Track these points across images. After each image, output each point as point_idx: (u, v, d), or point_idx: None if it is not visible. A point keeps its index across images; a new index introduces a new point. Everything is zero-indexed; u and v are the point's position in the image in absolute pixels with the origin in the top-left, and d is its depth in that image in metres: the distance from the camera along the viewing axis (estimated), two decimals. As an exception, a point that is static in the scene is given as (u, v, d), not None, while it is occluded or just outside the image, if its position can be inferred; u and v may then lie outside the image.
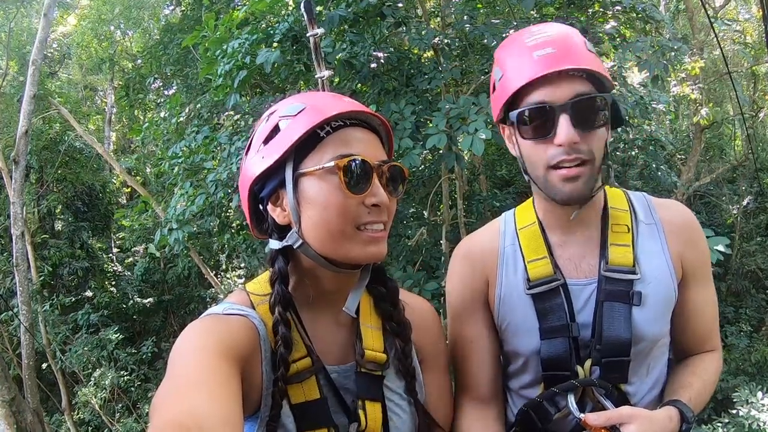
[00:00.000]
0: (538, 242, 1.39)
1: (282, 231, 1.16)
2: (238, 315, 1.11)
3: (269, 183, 1.14)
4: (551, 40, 1.25)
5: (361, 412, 1.15)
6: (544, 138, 1.25)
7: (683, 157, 12.37)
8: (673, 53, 4.89)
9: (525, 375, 1.41)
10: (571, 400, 1.29)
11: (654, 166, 7.46)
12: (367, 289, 1.26)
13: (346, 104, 1.13)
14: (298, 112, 1.12)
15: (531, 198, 1.47)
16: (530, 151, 1.29)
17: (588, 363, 1.31)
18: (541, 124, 1.24)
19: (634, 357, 1.31)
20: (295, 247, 1.13)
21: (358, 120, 1.14)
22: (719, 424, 6.42)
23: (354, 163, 1.07)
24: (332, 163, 1.07)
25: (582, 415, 1.24)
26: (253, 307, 1.15)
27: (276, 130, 1.12)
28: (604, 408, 1.27)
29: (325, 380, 1.16)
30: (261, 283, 1.21)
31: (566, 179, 1.25)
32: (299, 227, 1.11)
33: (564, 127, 1.21)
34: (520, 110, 1.27)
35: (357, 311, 1.23)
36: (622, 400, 1.32)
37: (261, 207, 1.18)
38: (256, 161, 1.13)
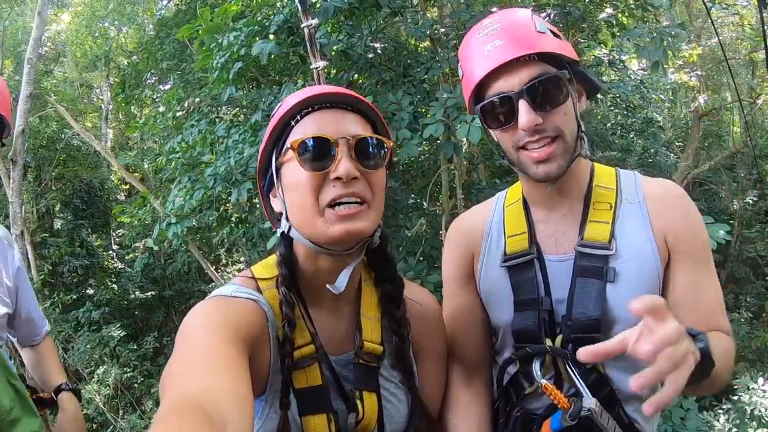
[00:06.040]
0: (519, 218, 1.45)
1: (281, 218, 1.20)
2: (245, 298, 1.13)
3: (266, 176, 1.23)
4: (499, 31, 1.31)
5: (358, 402, 1.18)
6: (509, 126, 1.31)
7: (681, 144, 12.34)
8: (670, 38, 4.86)
9: (505, 350, 1.46)
10: (536, 366, 1.32)
11: (653, 150, 7.41)
12: (375, 284, 1.30)
13: (313, 90, 1.17)
14: (276, 111, 1.21)
15: None
16: (500, 137, 1.37)
17: (559, 339, 1.32)
18: (503, 113, 1.30)
19: (609, 338, 1.25)
20: (286, 231, 1.17)
21: (330, 103, 1.16)
22: (720, 411, 6.44)
23: (306, 142, 1.10)
24: (288, 145, 1.12)
25: (543, 381, 1.27)
26: (260, 292, 1.17)
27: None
28: (577, 391, 1.27)
29: (327, 368, 1.18)
30: (267, 267, 1.24)
31: (538, 162, 1.30)
32: (287, 213, 1.16)
33: (524, 113, 1.26)
34: (482, 104, 1.33)
35: (358, 301, 1.26)
36: (602, 384, 1.31)
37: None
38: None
